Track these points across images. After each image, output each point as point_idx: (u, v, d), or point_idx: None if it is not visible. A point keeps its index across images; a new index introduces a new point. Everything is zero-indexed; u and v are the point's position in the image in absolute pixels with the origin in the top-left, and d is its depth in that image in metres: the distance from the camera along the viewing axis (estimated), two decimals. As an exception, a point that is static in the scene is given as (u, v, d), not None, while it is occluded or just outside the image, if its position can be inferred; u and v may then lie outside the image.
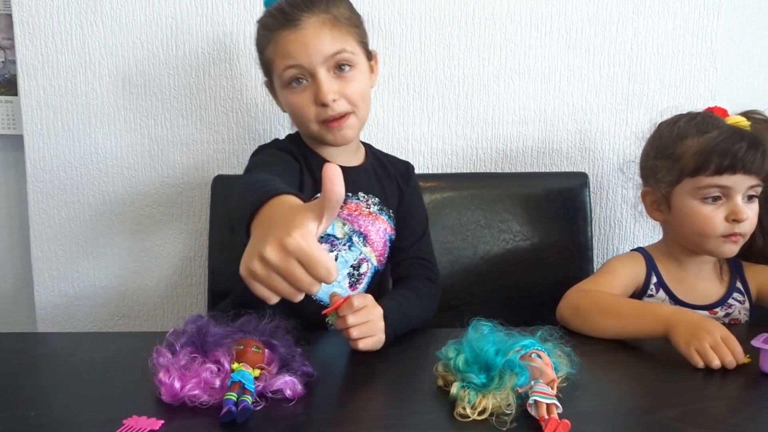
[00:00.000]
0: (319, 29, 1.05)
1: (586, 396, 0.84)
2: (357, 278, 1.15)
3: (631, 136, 1.49)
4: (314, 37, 1.04)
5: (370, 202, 1.16)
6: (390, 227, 1.18)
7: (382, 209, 1.17)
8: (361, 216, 1.14)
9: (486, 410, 0.77)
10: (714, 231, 1.09)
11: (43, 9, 1.37)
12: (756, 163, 1.06)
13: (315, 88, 1.06)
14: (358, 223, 1.14)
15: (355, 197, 1.14)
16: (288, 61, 1.05)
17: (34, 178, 1.43)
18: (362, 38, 1.12)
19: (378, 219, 1.16)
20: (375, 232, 1.16)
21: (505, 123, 1.48)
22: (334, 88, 1.06)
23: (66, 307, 1.47)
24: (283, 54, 1.06)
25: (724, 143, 1.07)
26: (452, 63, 1.44)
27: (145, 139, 1.43)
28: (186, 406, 0.79)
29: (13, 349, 0.99)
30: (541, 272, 1.42)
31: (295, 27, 1.04)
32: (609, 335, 1.03)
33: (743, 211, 1.08)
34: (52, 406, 0.81)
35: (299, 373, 0.84)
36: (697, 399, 0.84)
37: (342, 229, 1.13)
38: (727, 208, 1.09)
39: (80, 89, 1.41)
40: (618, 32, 1.46)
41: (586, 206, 1.44)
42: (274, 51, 1.07)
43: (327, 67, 1.06)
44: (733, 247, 1.11)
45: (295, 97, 1.08)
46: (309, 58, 1.04)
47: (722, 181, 1.07)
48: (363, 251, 1.14)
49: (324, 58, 1.05)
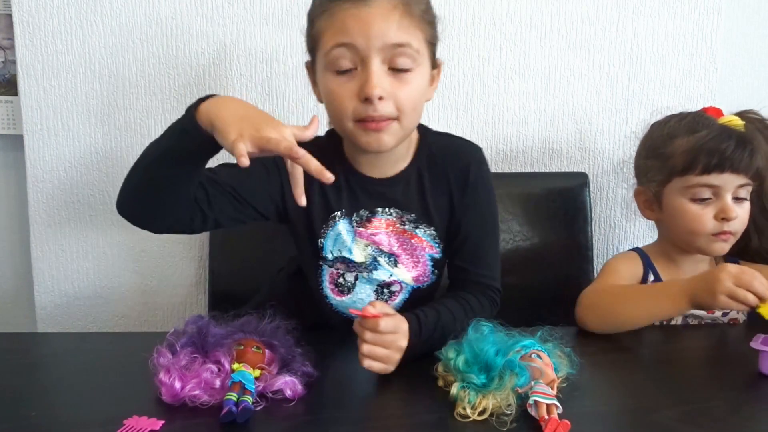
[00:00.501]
0: (388, 11, 0.89)
1: (586, 396, 0.84)
2: (388, 296, 1.05)
3: (631, 136, 1.48)
4: (380, 19, 0.88)
5: (405, 219, 1.02)
6: (430, 246, 1.03)
7: (419, 227, 1.02)
8: (394, 234, 1.02)
9: (486, 410, 0.77)
10: (703, 229, 1.10)
11: (43, 9, 1.37)
12: (743, 161, 1.07)
13: (363, 78, 0.89)
14: (389, 242, 1.01)
15: (386, 214, 1.01)
16: (341, 37, 0.89)
17: (34, 178, 1.43)
18: (432, 39, 0.96)
19: (414, 237, 1.02)
20: (411, 252, 1.03)
21: (505, 123, 1.48)
22: (385, 85, 0.90)
23: (66, 307, 1.47)
24: (338, 29, 0.89)
25: (711, 142, 1.08)
26: (452, 63, 1.44)
27: (145, 139, 1.43)
28: (186, 407, 0.79)
29: (13, 349, 0.99)
30: (541, 272, 1.42)
31: (360, 1, 0.88)
32: (632, 323, 1.04)
33: (732, 210, 1.08)
34: (52, 406, 0.81)
35: (299, 373, 0.84)
36: (697, 399, 0.84)
37: (363, 252, 1.01)
38: (716, 206, 1.09)
39: (80, 89, 1.41)
40: (618, 32, 1.46)
41: (586, 206, 1.44)
42: (328, 24, 0.91)
43: (384, 58, 0.90)
44: (723, 245, 1.12)
45: (337, 84, 0.91)
46: (367, 41, 0.88)
47: (710, 180, 1.08)
48: (393, 272, 1.02)
49: (384, 45, 0.89)
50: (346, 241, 1.01)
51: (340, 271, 1.04)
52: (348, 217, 1.01)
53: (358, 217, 1.01)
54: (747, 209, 1.12)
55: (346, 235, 1.01)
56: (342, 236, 1.01)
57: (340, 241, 1.01)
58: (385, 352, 0.86)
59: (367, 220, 1.01)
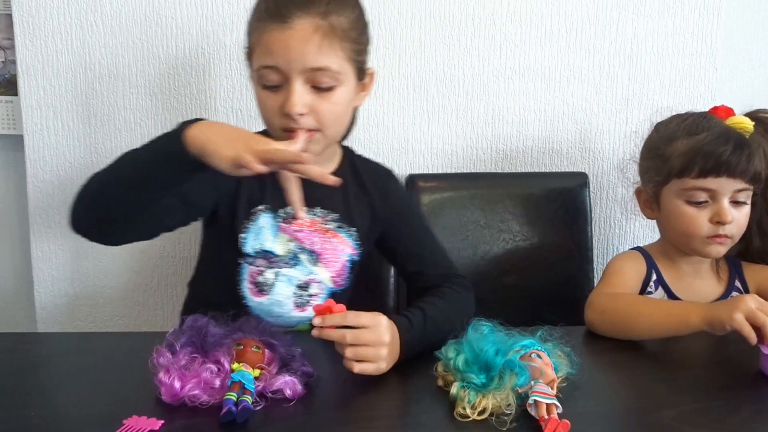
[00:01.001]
0: (308, 35, 0.94)
1: (586, 396, 0.84)
2: (306, 300, 1.07)
3: (631, 136, 1.48)
4: (300, 42, 0.94)
5: (328, 219, 1.07)
6: (351, 247, 1.09)
7: (342, 227, 1.08)
8: (316, 232, 1.06)
9: (486, 410, 0.77)
10: (698, 232, 1.10)
11: (43, 9, 1.37)
12: (740, 166, 1.06)
13: (286, 95, 0.96)
14: (311, 240, 1.06)
15: (312, 212, 1.06)
16: (266, 59, 0.96)
17: (34, 178, 1.43)
18: (357, 55, 1.01)
19: (336, 236, 1.08)
20: (331, 251, 1.07)
21: (505, 123, 1.48)
22: (306, 101, 0.97)
23: (66, 307, 1.47)
24: (264, 49, 0.97)
25: (708, 146, 1.07)
26: (452, 63, 1.44)
27: (145, 139, 1.40)
28: (186, 406, 0.79)
29: (13, 349, 0.99)
30: (541, 272, 1.42)
31: (284, 24, 0.94)
32: (645, 336, 1.02)
33: (727, 214, 1.08)
34: (52, 406, 0.81)
35: (299, 373, 0.84)
36: (697, 399, 0.84)
37: (285, 246, 1.05)
38: (712, 209, 1.09)
39: (80, 89, 1.41)
40: (618, 32, 1.46)
41: (586, 206, 1.44)
42: (257, 42, 0.98)
43: (305, 78, 0.96)
44: (719, 248, 1.11)
45: (265, 97, 1.00)
46: (288, 63, 0.95)
47: (707, 183, 1.08)
48: (313, 270, 1.06)
49: (303, 68, 0.95)
50: (267, 235, 1.05)
51: (260, 269, 1.05)
52: (273, 212, 1.05)
53: (284, 213, 1.05)
54: (746, 213, 1.11)
55: (268, 229, 1.05)
56: (264, 230, 1.05)
57: (262, 235, 1.05)
58: (371, 350, 0.86)
59: (292, 217, 1.05)
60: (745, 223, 1.12)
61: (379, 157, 1.46)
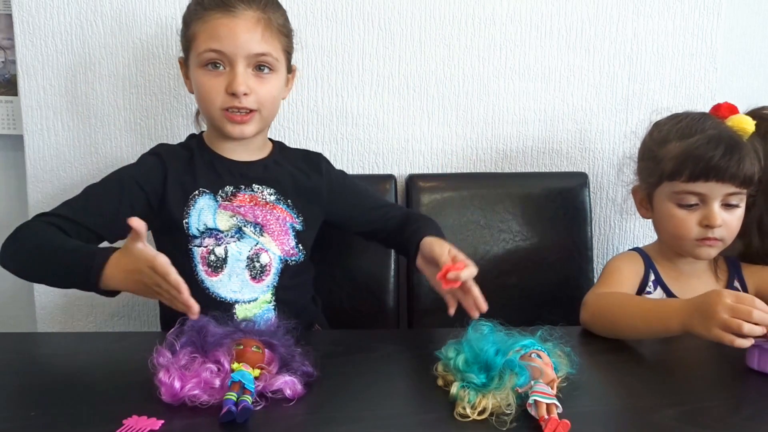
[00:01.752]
0: (253, 25, 1.07)
1: (586, 396, 0.84)
2: (260, 270, 1.14)
3: (631, 136, 1.48)
4: (246, 31, 1.07)
5: (264, 193, 1.16)
6: (291, 216, 1.17)
7: (279, 199, 1.16)
8: (257, 206, 1.14)
9: (486, 410, 0.77)
10: (688, 234, 1.10)
11: (43, 9, 1.37)
12: (729, 171, 1.06)
13: (230, 77, 1.08)
14: (254, 214, 1.14)
15: (249, 189, 1.15)
16: (213, 43, 1.07)
17: (34, 178, 1.43)
18: (288, 49, 1.15)
19: (276, 208, 1.16)
20: (274, 221, 1.15)
21: (505, 123, 1.48)
22: (249, 83, 1.08)
23: (66, 307, 1.47)
24: (210, 35, 1.07)
25: (698, 150, 1.07)
26: (452, 63, 1.44)
27: (145, 139, 1.43)
28: (186, 406, 0.79)
29: (13, 349, 0.99)
30: (541, 272, 1.42)
31: (229, 13, 1.06)
32: (633, 336, 1.02)
33: (716, 218, 1.08)
34: (52, 406, 0.81)
35: (299, 373, 0.84)
36: (697, 399, 0.84)
37: (228, 222, 1.13)
38: (701, 213, 1.09)
39: (80, 89, 1.41)
40: (618, 32, 1.46)
41: (586, 206, 1.45)
42: (201, 29, 1.08)
43: (248, 62, 1.08)
44: (709, 250, 1.11)
45: (207, 79, 1.09)
46: (235, 49, 1.07)
47: (696, 187, 1.08)
48: (259, 241, 1.14)
49: (248, 54, 1.07)
50: (209, 214, 1.12)
51: (209, 248, 1.12)
52: (212, 193, 1.13)
53: (223, 193, 1.14)
54: (738, 215, 1.11)
55: (207, 209, 1.13)
56: (204, 210, 1.13)
57: (203, 214, 1.12)
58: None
59: (232, 195, 1.14)
60: (737, 226, 1.11)
61: (379, 157, 1.47)
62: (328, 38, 1.42)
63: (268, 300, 1.14)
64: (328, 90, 1.43)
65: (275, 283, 1.14)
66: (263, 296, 1.14)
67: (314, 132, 1.44)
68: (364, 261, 1.31)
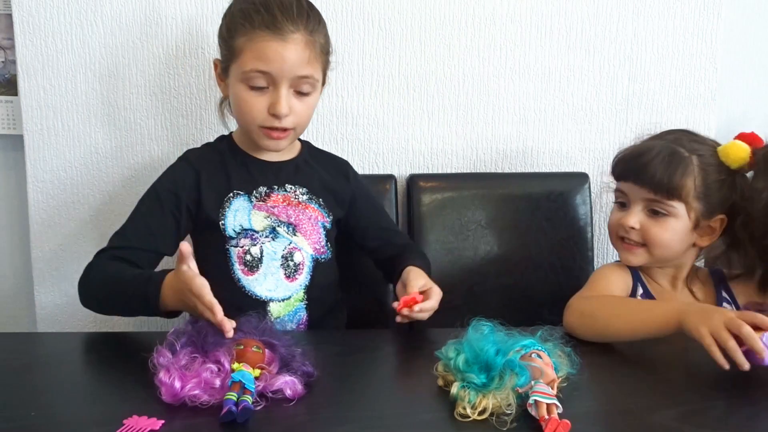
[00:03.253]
0: (302, 50, 1.08)
1: (586, 396, 0.85)
2: (294, 269, 1.17)
3: (630, 136, 1.48)
4: (295, 55, 1.08)
5: (297, 192, 1.18)
6: (322, 215, 1.20)
7: (311, 198, 1.19)
8: (290, 206, 1.17)
9: (486, 410, 0.77)
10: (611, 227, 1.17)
11: (43, 9, 1.37)
12: (646, 175, 1.09)
13: (273, 98, 1.09)
14: (286, 214, 1.17)
15: (282, 189, 1.18)
16: (260, 65, 1.08)
17: (34, 178, 1.43)
18: (327, 67, 1.17)
19: (308, 207, 1.19)
20: (306, 221, 1.18)
21: (505, 123, 1.48)
22: (291, 104, 1.10)
23: (66, 307, 1.47)
24: (258, 56, 1.08)
25: (631, 152, 1.14)
26: (452, 63, 1.44)
27: (145, 139, 1.43)
28: (186, 406, 0.79)
29: (13, 349, 0.99)
30: (541, 272, 1.42)
31: (278, 36, 1.07)
32: (619, 337, 1.00)
33: (629, 218, 1.11)
34: (52, 406, 0.81)
35: (299, 373, 0.84)
36: (697, 399, 0.84)
37: (262, 222, 1.16)
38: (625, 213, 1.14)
39: (80, 89, 1.41)
40: (618, 32, 1.46)
41: (586, 206, 1.45)
42: (248, 46, 1.09)
43: (291, 84, 1.10)
44: (626, 254, 1.14)
45: (250, 96, 1.11)
46: (281, 72, 1.08)
47: (621, 187, 1.15)
48: (293, 240, 1.17)
49: (294, 77, 1.09)
50: (244, 214, 1.16)
51: (245, 248, 1.15)
52: (246, 194, 1.16)
53: (257, 194, 1.17)
54: (668, 227, 1.10)
55: (242, 210, 1.16)
56: (240, 211, 1.16)
57: (239, 215, 1.16)
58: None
59: (266, 195, 1.17)
60: (669, 240, 1.10)
61: (379, 157, 1.47)
62: (328, 38, 1.42)
63: (300, 298, 1.17)
64: (328, 90, 1.43)
65: (307, 282, 1.18)
66: (296, 295, 1.17)
67: (314, 132, 1.44)
68: (365, 261, 1.31)
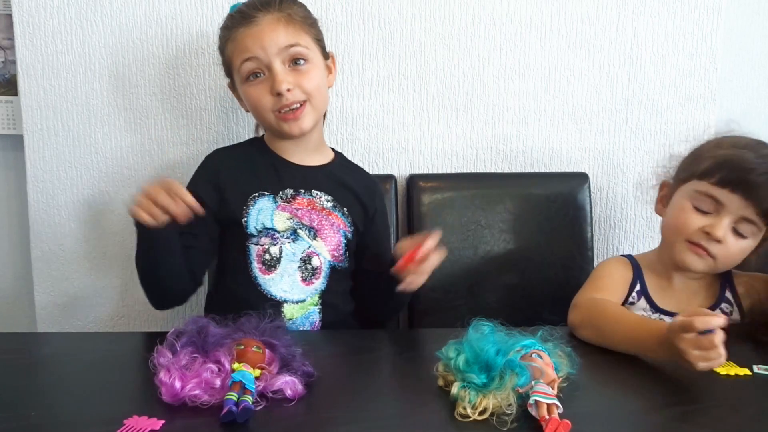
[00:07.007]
0: (273, 24, 1.12)
1: (586, 396, 0.84)
2: (311, 273, 1.17)
3: (630, 136, 1.49)
4: (269, 31, 1.11)
5: (323, 199, 1.19)
6: (344, 224, 1.20)
7: (336, 206, 1.20)
8: (314, 211, 1.18)
9: (486, 410, 0.77)
10: (685, 229, 1.08)
11: (43, 9, 1.37)
12: (760, 191, 1.03)
13: (271, 79, 1.12)
14: (310, 218, 1.18)
15: (308, 193, 1.19)
16: (245, 54, 1.12)
17: (34, 178, 1.43)
18: (317, 36, 1.18)
19: (331, 215, 1.19)
20: (329, 227, 1.19)
21: (505, 123, 1.48)
22: (289, 79, 1.12)
23: (66, 307, 1.47)
24: (241, 49, 1.13)
25: (742, 160, 1.04)
26: (452, 63, 1.44)
27: (145, 139, 1.43)
28: (186, 406, 0.79)
29: (13, 349, 0.99)
30: (541, 272, 1.42)
31: (251, 23, 1.12)
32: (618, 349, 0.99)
33: (720, 229, 1.05)
34: (52, 406, 0.81)
35: (299, 373, 0.84)
36: (697, 399, 0.84)
37: (285, 223, 1.16)
38: (710, 220, 1.07)
39: (80, 89, 1.41)
40: (618, 32, 1.46)
41: (586, 206, 1.45)
42: (233, 48, 1.14)
43: (282, 59, 1.12)
44: (695, 258, 1.08)
45: (252, 89, 1.14)
46: (264, 50, 1.11)
47: (719, 194, 1.05)
48: (312, 244, 1.17)
49: (278, 49, 1.11)
50: (267, 213, 1.17)
51: (265, 246, 1.16)
52: (272, 195, 1.18)
53: (283, 194, 1.18)
54: (741, 247, 1.07)
55: (266, 209, 1.17)
56: (263, 210, 1.17)
57: (262, 214, 1.17)
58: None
59: (292, 197, 1.18)
60: (736, 256, 1.08)
61: (379, 157, 1.47)
62: (329, 38, 1.41)
63: (315, 302, 1.17)
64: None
65: (323, 287, 1.18)
66: (311, 298, 1.17)
67: (314, 132, 1.44)
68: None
